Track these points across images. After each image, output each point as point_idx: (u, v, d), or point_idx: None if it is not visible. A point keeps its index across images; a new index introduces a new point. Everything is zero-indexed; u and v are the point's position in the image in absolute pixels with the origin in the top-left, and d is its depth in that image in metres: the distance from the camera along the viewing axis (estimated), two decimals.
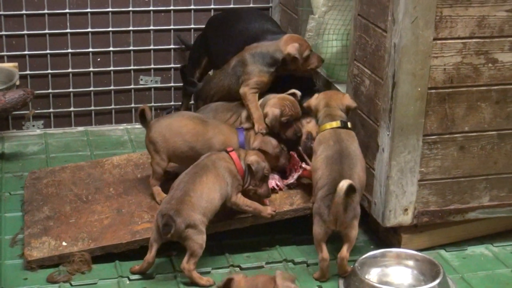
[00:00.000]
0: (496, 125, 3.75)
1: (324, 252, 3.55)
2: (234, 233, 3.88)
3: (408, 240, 3.84)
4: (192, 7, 5.33)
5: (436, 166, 3.74)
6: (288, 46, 4.15)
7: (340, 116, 3.84)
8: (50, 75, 5.20)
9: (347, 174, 3.58)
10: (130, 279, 3.60)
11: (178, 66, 5.36)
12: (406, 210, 3.75)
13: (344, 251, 3.54)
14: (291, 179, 4.02)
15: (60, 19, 5.13)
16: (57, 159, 4.81)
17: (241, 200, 3.73)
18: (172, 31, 5.34)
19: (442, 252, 3.90)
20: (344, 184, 3.43)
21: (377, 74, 3.75)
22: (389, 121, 3.64)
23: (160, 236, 3.53)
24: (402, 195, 3.72)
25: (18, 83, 4.96)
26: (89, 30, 5.19)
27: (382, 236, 3.97)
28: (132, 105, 5.37)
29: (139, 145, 4.95)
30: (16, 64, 5.08)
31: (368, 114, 3.87)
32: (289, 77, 4.31)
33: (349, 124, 3.85)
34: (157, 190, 4.01)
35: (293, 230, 3.99)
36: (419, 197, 3.76)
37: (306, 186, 3.99)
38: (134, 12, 5.24)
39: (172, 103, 5.39)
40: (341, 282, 3.55)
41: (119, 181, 4.25)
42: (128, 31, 5.27)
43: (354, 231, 3.55)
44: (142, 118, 4.01)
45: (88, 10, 5.15)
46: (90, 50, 5.22)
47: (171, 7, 5.29)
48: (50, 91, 5.22)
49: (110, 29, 5.22)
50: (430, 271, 3.55)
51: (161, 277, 3.63)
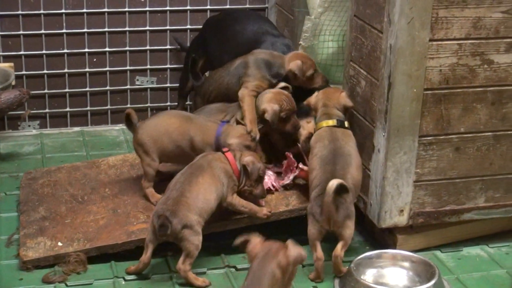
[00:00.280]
0: (492, 126, 3.76)
1: (319, 252, 3.56)
2: (230, 233, 3.87)
3: (403, 241, 3.84)
4: (188, 7, 5.33)
5: (431, 167, 3.74)
6: (291, 63, 4.16)
7: (336, 115, 3.86)
8: (46, 75, 5.20)
9: (340, 174, 3.59)
10: (125, 280, 3.60)
11: (174, 66, 5.36)
12: (402, 211, 3.76)
13: (338, 249, 3.54)
14: (287, 180, 4.02)
15: (56, 20, 5.13)
16: (53, 160, 4.81)
17: (236, 201, 3.73)
18: (168, 31, 5.33)
19: (438, 253, 3.91)
20: (333, 183, 3.43)
21: (373, 75, 3.75)
22: (385, 122, 3.64)
23: (156, 237, 3.53)
24: (398, 196, 3.73)
25: (14, 83, 4.95)
26: (85, 30, 5.19)
27: (378, 237, 3.98)
28: (128, 105, 5.36)
29: None
30: (12, 64, 5.07)
31: (364, 115, 3.87)
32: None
33: (346, 123, 3.85)
34: (150, 191, 4.01)
35: (288, 231, 3.99)
36: (415, 198, 3.76)
37: (302, 187, 3.99)
38: (130, 12, 5.24)
39: (168, 103, 5.39)
40: (336, 283, 3.55)
41: (115, 181, 4.25)
42: (124, 32, 5.26)
43: (348, 230, 3.55)
44: (128, 122, 4.02)
45: (84, 11, 5.15)
46: (86, 50, 5.22)
47: (167, 8, 5.29)
48: (46, 91, 5.21)
49: (106, 29, 5.22)
50: (425, 272, 3.55)
51: (156, 277, 3.63)
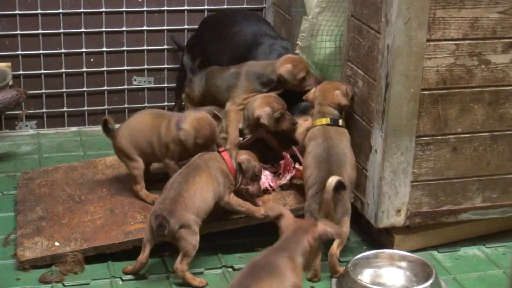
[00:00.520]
0: (489, 126, 3.76)
1: None
2: (227, 233, 3.88)
3: (400, 241, 3.84)
4: (185, 7, 5.33)
5: (428, 167, 3.74)
6: (281, 67, 4.12)
7: (331, 113, 3.85)
8: (43, 75, 5.19)
9: (336, 172, 3.59)
10: (123, 280, 3.60)
11: (171, 66, 5.36)
12: (399, 211, 3.76)
13: (334, 247, 3.55)
14: (284, 180, 4.02)
15: (53, 19, 5.12)
16: (50, 159, 4.80)
17: (234, 200, 3.73)
18: (165, 31, 5.33)
19: (435, 253, 3.91)
20: (332, 180, 3.44)
21: (370, 75, 3.75)
22: (382, 122, 3.64)
23: (153, 237, 3.53)
24: (395, 196, 3.73)
25: (11, 83, 4.95)
26: (82, 30, 5.18)
27: (375, 237, 3.98)
28: (126, 105, 5.37)
29: None
30: (9, 64, 5.06)
31: (361, 115, 3.87)
32: None
33: (340, 122, 3.85)
34: (144, 193, 4.01)
35: None
36: (412, 198, 3.76)
37: (299, 186, 3.99)
38: (127, 12, 5.24)
39: (165, 103, 5.38)
40: (333, 283, 3.55)
41: (112, 181, 4.24)
42: (122, 32, 5.26)
43: (345, 227, 3.56)
44: (105, 128, 4.04)
45: (82, 10, 5.15)
46: (84, 50, 5.22)
47: (165, 8, 5.29)
48: (43, 91, 5.21)
49: (104, 29, 5.22)
50: (422, 272, 3.55)
51: (154, 277, 3.63)
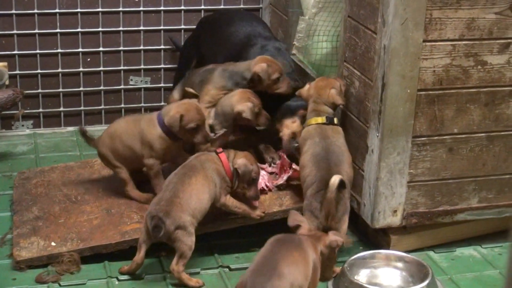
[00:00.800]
0: (485, 127, 3.77)
1: None
2: (223, 234, 3.88)
3: (397, 241, 3.85)
4: (182, 7, 5.33)
5: (425, 167, 3.75)
6: (256, 66, 4.14)
7: (326, 112, 3.85)
8: (39, 75, 5.19)
9: (335, 171, 3.59)
10: (119, 280, 3.60)
11: (168, 66, 5.36)
12: (395, 212, 3.76)
13: None
14: (281, 180, 4.02)
15: (50, 19, 5.12)
16: (46, 159, 4.80)
17: (230, 202, 3.72)
18: (162, 31, 5.33)
19: (431, 253, 3.91)
20: (336, 179, 3.44)
21: (366, 76, 3.76)
22: (378, 122, 3.64)
23: (149, 237, 3.53)
24: (391, 196, 3.73)
25: (7, 82, 4.95)
26: (79, 30, 5.18)
27: (371, 237, 3.98)
28: (122, 105, 5.37)
29: None
30: (5, 63, 5.06)
31: (357, 116, 3.88)
32: None
33: (335, 120, 3.85)
34: (136, 194, 4.04)
35: (282, 231, 3.98)
36: (408, 198, 3.77)
37: (295, 187, 3.99)
38: (124, 12, 5.24)
39: (162, 103, 5.38)
40: (330, 283, 3.56)
41: (109, 181, 4.24)
42: (118, 32, 5.26)
43: (345, 225, 3.57)
44: (86, 139, 4.10)
45: (78, 10, 5.15)
46: (80, 50, 5.22)
47: (161, 8, 5.29)
48: (39, 91, 5.21)
49: (100, 29, 5.22)
50: (418, 273, 3.55)
51: (150, 277, 3.63)
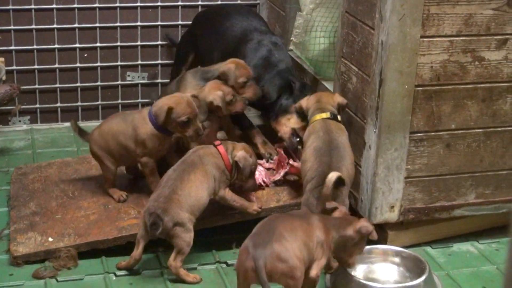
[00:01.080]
0: (482, 123, 3.77)
1: None
2: (221, 229, 3.88)
3: (394, 237, 3.85)
4: (179, 3, 5.32)
5: (422, 163, 3.75)
6: (224, 65, 4.14)
7: (330, 109, 3.86)
8: (36, 71, 5.19)
9: (336, 167, 3.59)
10: (116, 275, 3.60)
11: (165, 62, 5.36)
12: (393, 207, 3.76)
13: None
14: (278, 176, 4.02)
15: (47, 15, 5.11)
16: (43, 155, 4.80)
17: (229, 195, 3.72)
18: (159, 27, 5.33)
19: (428, 249, 3.92)
20: (333, 176, 3.44)
21: (364, 71, 3.76)
22: (376, 118, 3.65)
23: (147, 233, 3.53)
24: (389, 192, 3.73)
25: (4, 78, 4.94)
26: (76, 25, 5.18)
27: None
28: (119, 101, 5.37)
29: None
30: (2, 59, 5.05)
31: (355, 111, 3.88)
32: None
33: (339, 117, 3.86)
34: (112, 190, 4.06)
35: None
36: (406, 194, 3.77)
37: (293, 182, 3.99)
38: (121, 8, 5.23)
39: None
40: (327, 279, 3.56)
41: None
42: (115, 27, 5.26)
43: None
44: (78, 132, 4.12)
45: (75, 6, 5.14)
46: (77, 45, 5.21)
47: (159, 3, 5.28)
48: (36, 86, 5.20)
49: (97, 25, 5.21)
50: (416, 268, 3.55)
51: (147, 273, 3.63)
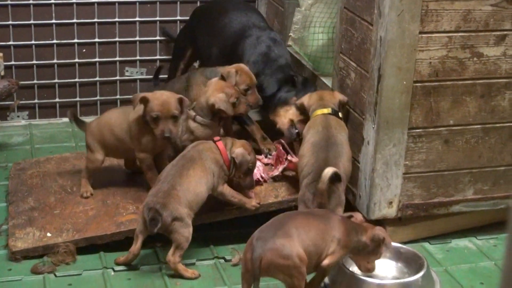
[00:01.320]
0: (481, 119, 3.77)
1: None
2: (219, 225, 3.88)
3: (392, 232, 3.85)
4: None
5: (420, 159, 3.75)
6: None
7: (331, 106, 3.87)
8: (35, 66, 5.19)
9: (333, 163, 3.60)
10: (115, 270, 3.60)
11: (164, 57, 5.36)
12: (391, 203, 3.77)
13: None
14: (276, 171, 4.02)
15: (46, 10, 5.11)
16: (42, 150, 4.80)
17: (227, 191, 3.72)
18: (158, 22, 5.33)
19: (426, 245, 3.92)
20: (328, 171, 3.45)
21: (362, 67, 3.76)
22: (374, 114, 3.65)
23: (145, 228, 3.53)
24: (387, 188, 3.74)
25: (3, 73, 4.94)
26: (74, 21, 5.17)
27: None
28: (118, 96, 5.37)
29: None
30: (1, 54, 5.05)
31: (353, 107, 3.88)
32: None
33: (340, 114, 3.87)
34: (83, 182, 4.07)
35: None
36: (404, 190, 3.77)
37: (291, 178, 3.99)
38: (119, 3, 5.23)
39: None
40: None
41: (104, 172, 4.23)
42: (114, 23, 5.25)
43: None
44: (76, 121, 4.11)
45: (74, 1, 5.14)
46: (76, 41, 5.21)
47: None
48: (35, 81, 5.20)
49: (96, 20, 5.21)
50: (414, 264, 3.56)
51: (146, 268, 3.63)
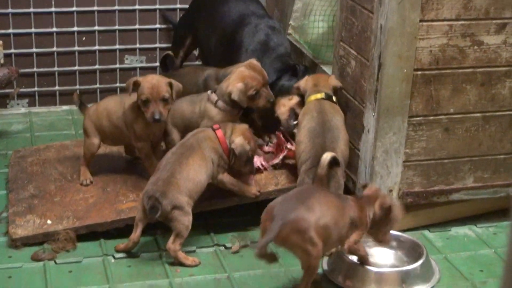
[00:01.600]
0: (481, 107, 3.77)
1: None
2: (219, 212, 3.89)
3: None
4: None
5: (421, 147, 3.75)
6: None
7: (325, 91, 3.87)
8: (35, 54, 5.18)
9: (330, 148, 3.61)
10: (115, 258, 3.60)
11: (163, 45, 5.35)
12: (391, 191, 3.77)
13: None
14: (276, 159, 4.02)
15: None
16: (41, 138, 4.80)
17: (227, 179, 3.73)
18: (157, 10, 5.32)
19: (426, 232, 3.93)
20: (327, 156, 3.46)
21: (363, 55, 3.76)
22: (374, 102, 3.65)
23: (145, 216, 3.54)
24: (387, 176, 3.74)
25: (2, 61, 4.94)
26: (74, 9, 5.17)
27: None
28: (117, 84, 5.36)
29: None
30: (0, 42, 5.05)
31: (353, 95, 3.88)
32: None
33: (334, 98, 3.87)
34: (82, 169, 4.08)
35: None
36: (404, 178, 3.77)
37: (291, 166, 3.99)
38: None
39: None
40: (324, 262, 3.57)
41: (104, 160, 4.24)
42: (114, 11, 5.25)
43: None
44: (79, 104, 4.12)
45: None
46: (75, 29, 5.20)
47: None
48: (35, 69, 5.20)
49: (96, 8, 5.20)
50: (413, 252, 3.57)
51: (146, 256, 3.63)
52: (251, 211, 3.94)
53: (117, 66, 5.35)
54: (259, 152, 4.03)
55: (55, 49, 5.20)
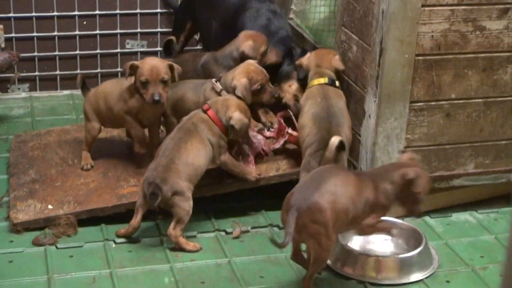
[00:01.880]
0: (483, 92, 3.77)
1: None
2: (220, 198, 3.89)
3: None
4: None
5: (422, 133, 3.75)
6: (242, 45, 4.10)
7: (328, 74, 3.87)
8: (35, 38, 5.17)
9: (335, 132, 3.62)
10: (116, 243, 3.61)
11: (164, 30, 5.34)
12: None
13: None
14: (278, 145, 4.01)
15: None
16: (42, 123, 4.80)
17: (230, 160, 3.71)
18: None
19: (427, 218, 3.92)
20: (336, 139, 3.46)
21: (364, 40, 3.75)
22: (376, 87, 3.64)
23: (146, 202, 3.54)
24: (388, 161, 3.73)
25: (3, 45, 4.92)
26: None
27: None
28: (118, 69, 5.35)
29: None
30: (1, 26, 5.02)
31: (355, 80, 3.87)
32: None
33: (337, 83, 3.86)
34: (84, 154, 4.07)
35: (279, 195, 3.99)
36: None
37: (292, 151, 3.99)
38: None
39: None
40: None
41: (105, 144, 4.24)
42: None
43: None
44: (82, 86, 4.11)
45: None
46: (76, 13, 5.19)
47: None
48: (35, 54, 5.19)
49: None
50: (413, 240, 3.56)
51: (147, 241, 3.64)
52: (252, 196, 3.95)
53: (118, 50, 5.34)
54: (260, 137, 4.02)
55: (56, 33, 5.19)
